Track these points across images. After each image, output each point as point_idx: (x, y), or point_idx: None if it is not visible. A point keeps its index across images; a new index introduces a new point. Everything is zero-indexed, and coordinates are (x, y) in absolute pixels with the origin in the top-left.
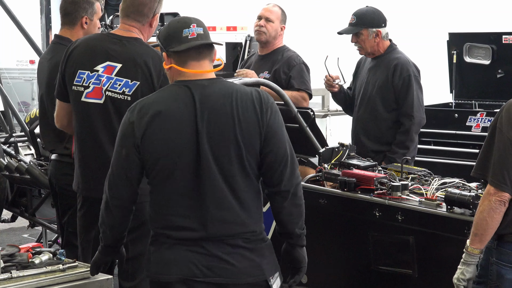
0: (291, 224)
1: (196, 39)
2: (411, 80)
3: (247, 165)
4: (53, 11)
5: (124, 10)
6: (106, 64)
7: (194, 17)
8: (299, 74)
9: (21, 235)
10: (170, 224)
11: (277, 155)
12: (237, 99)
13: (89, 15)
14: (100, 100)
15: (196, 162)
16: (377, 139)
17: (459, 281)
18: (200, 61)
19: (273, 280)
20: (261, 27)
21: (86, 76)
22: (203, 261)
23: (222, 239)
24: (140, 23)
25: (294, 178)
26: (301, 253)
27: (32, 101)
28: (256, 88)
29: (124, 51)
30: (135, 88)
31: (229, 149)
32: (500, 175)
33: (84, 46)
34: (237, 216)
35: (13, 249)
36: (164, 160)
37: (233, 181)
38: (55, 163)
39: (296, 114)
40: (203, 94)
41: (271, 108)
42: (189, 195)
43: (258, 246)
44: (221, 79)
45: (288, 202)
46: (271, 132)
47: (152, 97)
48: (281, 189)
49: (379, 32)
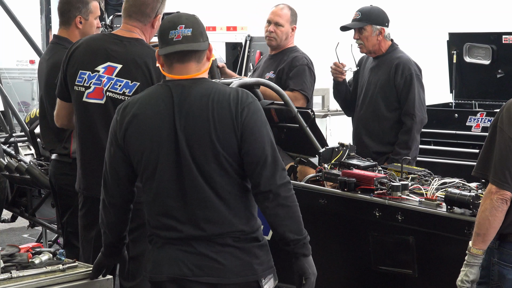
0: (281, 227)
1: (181, 41)
2: (412, 79)
3: (227, 165)
4: (53, 11)
5: (126, 10)
6: (106, 65)
7: (188, 15)
8: (297, 75)
9: (21, 235)
10: (159, 224)
11: (254, 155)
12: (214, 100)
13: (84, 15)
14: (101, 100)
15: (177, 162)
16: (380, 139)
17: (463, 283)
18: (184, 63)
19: (265, 281)
20: (271, 33)
21: (87, 76)
22: (193, 260)
23: (210, 238)
24: (142, 23)
25: (276, 179)
26: (304, 263)
27: (32, 101)
28: (238, 88)
29: (125, 52)
30: (135, 88)
31: (206, 149)
32: (501, 174)
33: (85, 46)
34: (222, 216)
35: (13, 249)
36: (146, 160)
37: (213, 181)
38: (55, 162)
39: (296, 114)
40: (183, 94)
41: (248, 107)
42: (173, 196)
43: (249, 245)
44: (204, 80)
45: (271, 203)
46: (247, 132)
47: (137, 97)
48: (261, 189)
49: (383, 30)
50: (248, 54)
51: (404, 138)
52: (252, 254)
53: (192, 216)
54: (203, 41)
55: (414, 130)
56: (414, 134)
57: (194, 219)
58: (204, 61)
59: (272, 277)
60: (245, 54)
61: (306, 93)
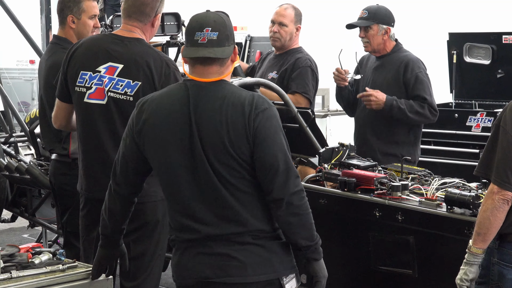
0: (293, 235)
1: (205, 45)
2: (423, 76)
3: (241, 169)
4: (53, 11)
5: (126, 10)
6: (108, 65)
7: (216, 16)
8: (300, 77)
9: (21, 235)
10: (178, 225)
11: (266, 162)
12: (229, 103)
13: (75, 14)
14: (102, 101)
15: (192, 162)
16: (387, 138)
17: (462, 282)
18: (206, 66)
19: (286, 279)
20: (275, 33)
21: (89, 77)
22: (214, 261)
23: (229, 237)
24: (142, 23)
25: (289, 187)
26: (315, 266)
27: (32, 101)
28: (254, 93)
29: (126, 51)
30: (136, 88)
31: (220, 152)
32: (503, 174)
33: (86, 47)
34: (240, 215)
35: (13, 249)
36: (160, 159)
37: (228, 183)
38: (54, 162)
39: (296, 114)
40: (199, 95)
41: (263, 113)
42: (189, 195)
43: (269, 243)
44: (223, 82)
45: (284, 211)
46: (259, 138)
47: (156, 94)
48: (273, 197)
49: (389, 29)
50: (248, 54)
51: (417, 108)
52: (272, 252)
53: (210, 215)
54: (228, 45)
55: (427, 112)
56: (427, 114)
57: (211, 219)
58: (228, 64)
59: (294, 277)
60: (245, 54)
61: (308, 96)
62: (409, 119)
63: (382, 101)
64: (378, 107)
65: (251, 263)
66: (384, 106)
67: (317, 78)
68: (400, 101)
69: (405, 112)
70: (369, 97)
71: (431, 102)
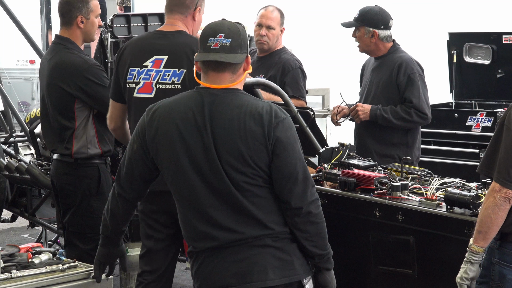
0: (308, 242)
1: (217, 50)
2: (415, 78)
3: (256, 176)
4: (53, 11)
5: (167, 6)
6: (153, 59)
7: (231, 24)
8: (293, 80)
9: (21, 235)
10: (194, 234)
11: (285, 171)
12: (246, 112)
13: (84, 14)
14: (150, 94)
15: (206, 170)
16: (383, 140)
17: (463, 280)
18: (219, 73)
19: (306, 280)
20: (262, 37)
21: (137, 72)
22: (235, 268)
23: (248, 241)
24: (183, 15)
25: (307, 196)
26: (327, 276)
27: (32, 101)
28: (270, 103)
29: (169, 43)
30: (183, 76)
31: (236, 160)
32: (505, 172)
33: (133, 45)
34: (257, 219)
35: (13, 249)
36: (174, 167)
37: (244, 190)
38: (56, 162)
39: (296, 114)
40: (214, 104)
41: (282, 123)
42: (206, 202)
43: (289, 246)
44: (237, 90)
45: (301, 219)
46: (279, 148)
47: (169, 101)
48: (292, 206)
49: (375, 32)
50: None
51: (402, 114)
52: (292, 254)
53: (228, 221)
54: (240, 53)
55: (415, 117)
56: (414, 119)
57: (229, 224)
58: (240, 72)
59: (311, 279)
60: None
61: (303, 98)
62: (397, 126)
63: (368, 112)
64: (366, 117)
65: (272, 267)
66: (369, 117)
67: (305, 75)
68: (385, 110)
69: (390, 120)
70: (356, 111)
71: (418, 105)
